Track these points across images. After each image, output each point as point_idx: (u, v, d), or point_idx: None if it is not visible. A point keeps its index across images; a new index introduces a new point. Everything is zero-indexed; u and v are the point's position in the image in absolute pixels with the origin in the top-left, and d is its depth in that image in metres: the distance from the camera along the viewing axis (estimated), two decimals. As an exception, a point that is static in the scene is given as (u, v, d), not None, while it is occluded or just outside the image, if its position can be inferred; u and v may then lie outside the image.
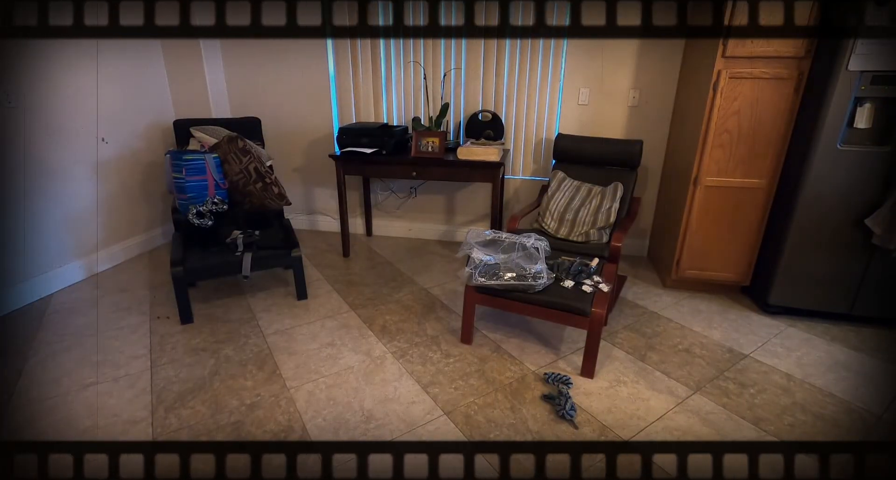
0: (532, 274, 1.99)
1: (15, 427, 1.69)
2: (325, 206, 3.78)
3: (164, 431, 1.68)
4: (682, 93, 2.77)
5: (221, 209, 2.55)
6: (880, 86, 2.02)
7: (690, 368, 2.06)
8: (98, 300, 2.64)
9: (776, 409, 1.82)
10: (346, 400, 1.85)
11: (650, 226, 3.28)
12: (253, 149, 2.57)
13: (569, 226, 2.61)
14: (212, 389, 1.91)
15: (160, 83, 3.33)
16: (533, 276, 1.98)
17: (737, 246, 2.57)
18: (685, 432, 1.69)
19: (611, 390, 1.92)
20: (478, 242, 2.15)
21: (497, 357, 2.14)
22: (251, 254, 2.42)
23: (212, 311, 2.52)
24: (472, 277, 2.04)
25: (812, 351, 2.20)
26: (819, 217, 2.26)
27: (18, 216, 2.50)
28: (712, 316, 2.51)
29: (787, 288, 2.41)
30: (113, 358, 2.11)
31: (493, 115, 3.09)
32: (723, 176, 2.45)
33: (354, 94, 3.36)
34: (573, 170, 2.83)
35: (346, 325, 2.40)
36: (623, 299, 2.69)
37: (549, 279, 2.01)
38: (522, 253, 2.07)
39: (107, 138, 2.96)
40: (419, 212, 3.63)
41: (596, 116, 3.07)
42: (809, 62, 2.19)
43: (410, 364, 2.08)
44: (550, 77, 3.03)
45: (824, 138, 2.13)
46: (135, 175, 3.21)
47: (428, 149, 2.88)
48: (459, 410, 1.80)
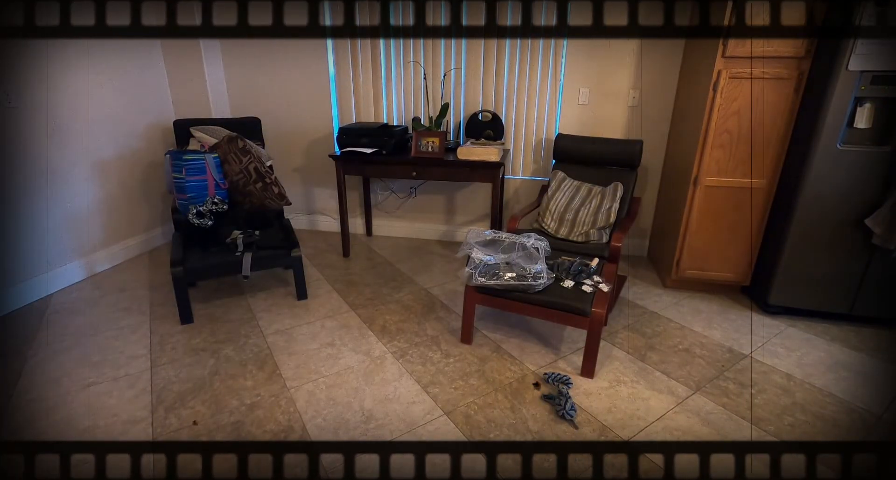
0: (532, 274, 1.99)
1: (15, 427, 1.69)
2: (325, 206, 3.78)
3: (164, 431, 1.68)
4: (682, 94, 2.77)
5: (221, 209, 2.55)
6: (880, 86, 2.02)
7: (690, 368, 2.06)
8: (98, 300, 2.64)
9: (776, 409, 1.82)
10: (346, 399, 1.85)
11: (650, 226, 3.28)
12: (253, 149, 2.57)
13: (569, 226, 2.61)
14: (212, 389, 1.91)
15: (160, 83, 3.33)
16: (533, 276, 1.98)
17: (737, 246, 2.57)
18: (685, 432, 1.69)
19: (611, 390, 1.92)
20: (478, 242, 2.15)
21: (497, 357, 2.14)
22: (251, 254, 2.42)
23: (212, 311, 2.52)
24: (473, 277, 2.04)
25: (812, 351, 2.20)
26: (819, 217, 2.26)
27: (19, 216, 2.51)
28: (712, 316, 2.51)
29: (787, 288, 2.41)
30: (113, 358, 2.11)
31: (493, 115, 3.09)
32: (723, 176, 2.45)
33: (354, 94, 3.36)
34: (573, 170, 2.83)
35: (346, 325, 2.40)
36: (623, 299, 2.69)
37: (549, 279, 2.01)
38: (522, 253, 2.07)
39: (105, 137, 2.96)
40: (419, 212, 3.63)
41: (596, 116, 3.07)
42: (809, 62, 2.19)
43: (410, 364, 2.08)
44: (550, 77, 3.03)
45: (824, 138, 2.13)
46: (135, 175, 3.21)
47: (428, 149, 2.88)
48: (459, 410, 1.80)
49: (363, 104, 3.37)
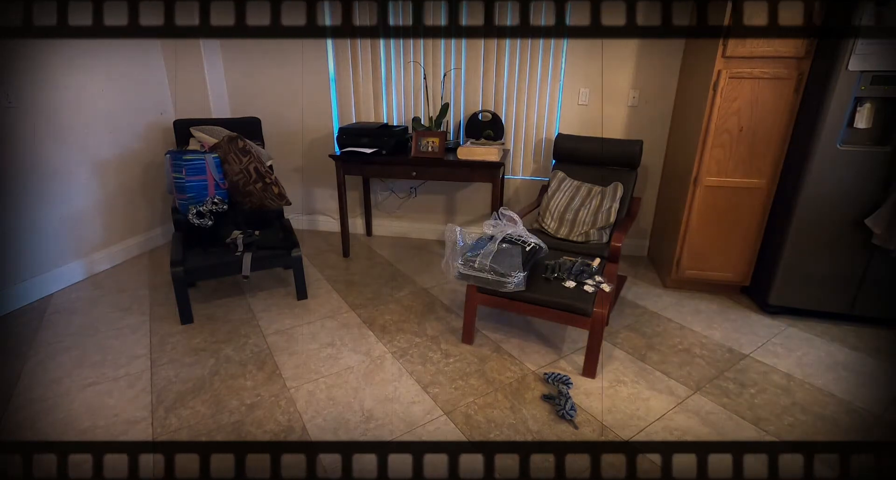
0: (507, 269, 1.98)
1: (15, 427, 1.69)
2: (325, 206, 3.78)
3: (164, 431, 1.68)
4: (682, 93, 2.77)
5: (221, 209, 2.55)
6: (880, 86, 2.02)
7: (690, 368, 2.06)
8: (98, 300, 2.63)
9: (776, 409, 1.82)
10: (346, 399, 1.85)
11: (650, 226, 3.28)
12: (253, 149, 2.57)
13: (569, 226, 2.61)
14: (212, 389, 1.91)
15: (160, 83, 3.32)
16: (508, 268, 1.97)
17: (737, 246, 2.57)
18: (685, 432, 1.69)
19: (611, 390, 1.92)
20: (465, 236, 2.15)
21: (497, 357, 2.14)
22: (251, 254, 2.42)
23: (212, 311, 2.52)
24: (450, 263, 2.05)
25: (812, 351, 2.20)
26: (819, 217, 2.26)
27: (19, 216, 2.50)
28: (712, 316, 2.51)
29: (787, 288, 2.41)
30: (113, 358, 2.11)
31: (493, 115, 3.09)
32: (723, 176, 2.45)
33: (354, 94, 3.36)
34: (573, 170, 2.83)
35: (346, 325, 2.40)
36: (623, 299, 2.69)
37: (521, 280, 1.99)
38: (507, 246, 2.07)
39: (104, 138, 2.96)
40: (419, 212, 3.63)
41: (596, 116, 3.07)
42: (809, 62, 2.19)
43: (410, 364, 2.08)
44: (550, 77, 3.03)
45: (824, 138, 2.13)
46: (135, 175, 3.21)
47: (428, 149, 2.88)
48: (459, 410, 1.80)
49: (363, 104, 3.37)
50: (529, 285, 2.05)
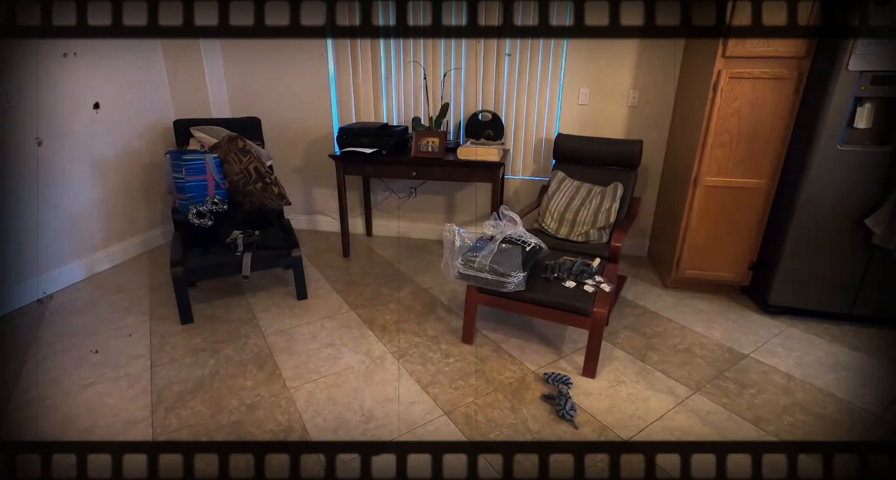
0: (508, 268, 1.98)
1: (15, 427, 1.69)
2: (325, 206, 3.78)
3: (164, 431, 1.68)
4: (682, 93, 2.77)
5: (221, 209, 2.55)
6: (880, 86, 2.02)
7: (690, 368, 2.06)
8: (98, 300, 2.63)
9: (776, 409, 1.82)
10: (346, 399, 1.85)
11: (650, 226, 3.28)
12: (253, 149, 2.57)
13: (569, 226, 2.61)
14: (212, 389, 1.91)
15: (160, 83, 3.32)
16: (508, 269, 1.97)
17: (737, 246, 2.57)
18: (685, 432, 1.69)
19: (611, 390, 1.92)
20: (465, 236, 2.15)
21: (497, 357, 2.14)
22: (251, 254, 2.42)
23: (212, 311, 2.52)
24: (453, 258, 2.05)
25: (812, 351, 2.20)
26: (819, 217, 2.26)
27: (19, 216, 2.50)
28: (712, 316, 2.51)
29: (787, 288, 2.41)
30: (113, 358, 2.11)
31: (493, 115, 3.09)
32: (723, 176, 2.45)
33: (354, 94, 3.36)
34: (573, 170, 2.83)
35: (346, 325, 2.40)
36: (623, 299, 2.69)
37: (523, 277, 1.99)
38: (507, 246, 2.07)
39: (104, 138, 2.96)
40: (419, 212, 3.63)
41: (596, 116, 3.07)
42: (809, 62, 2.19)
43: (410, 364, 2.08)
44: (550, 77, 3.03)
45: (824, 138, 2.13)
46: (135, 175, 3.21)
47: (428, 149, 2.88)
48: (459, 410, 1.80)
49: (363, 104, 3.37)
50: (529, 285, 2.05)
